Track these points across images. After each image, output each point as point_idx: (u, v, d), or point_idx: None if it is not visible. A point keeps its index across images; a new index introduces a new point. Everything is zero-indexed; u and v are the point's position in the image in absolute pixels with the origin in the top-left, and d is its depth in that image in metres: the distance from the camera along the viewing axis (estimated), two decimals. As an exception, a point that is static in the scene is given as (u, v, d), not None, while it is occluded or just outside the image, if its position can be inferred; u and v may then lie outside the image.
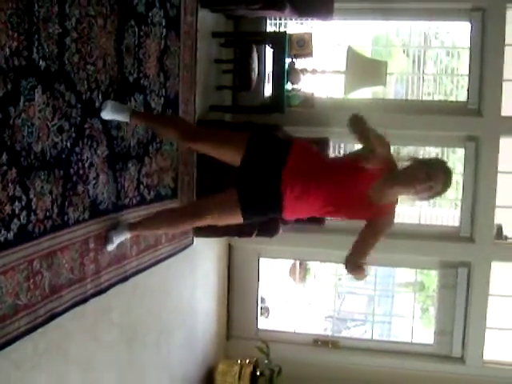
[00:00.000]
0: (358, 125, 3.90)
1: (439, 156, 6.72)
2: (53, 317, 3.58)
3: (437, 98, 7.81)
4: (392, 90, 8.74)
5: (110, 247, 4.21)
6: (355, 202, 3.87)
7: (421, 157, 3.98)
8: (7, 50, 2.99)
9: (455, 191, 7.35)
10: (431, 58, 8.23)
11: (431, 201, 7.26)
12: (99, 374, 4.31)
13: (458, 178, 7.24)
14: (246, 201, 3.95)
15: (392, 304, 10.58)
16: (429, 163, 3.77)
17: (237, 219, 4.04)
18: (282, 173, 3.89)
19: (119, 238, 4.26)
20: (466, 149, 7.02)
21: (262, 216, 4.21)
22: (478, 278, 7.05)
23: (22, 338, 3.27)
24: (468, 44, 7.00)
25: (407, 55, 9.11)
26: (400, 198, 3.95)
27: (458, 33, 8.44)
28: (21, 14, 3.08)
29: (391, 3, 7.03)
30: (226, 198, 4.03)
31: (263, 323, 7.91)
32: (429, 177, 3.63)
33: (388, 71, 6.92)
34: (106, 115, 4.06)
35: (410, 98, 7.78)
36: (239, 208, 3.95)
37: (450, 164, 3.88)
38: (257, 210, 4.04)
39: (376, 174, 3.80)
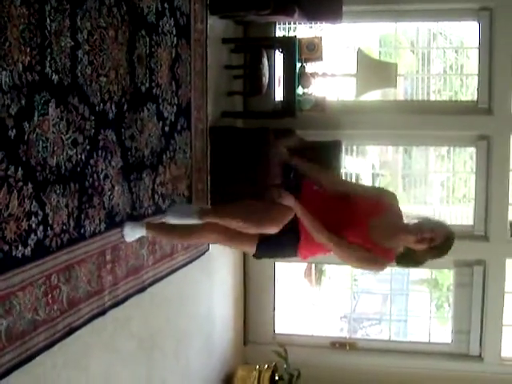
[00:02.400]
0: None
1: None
2: (72, 331, 3.58)
3: (445, 96, 7.79)
4: (401, 89, 8.72)
5: (127, 237, 4.24)
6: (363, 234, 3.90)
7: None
8: (20, 65, 2.99)
9: (468, 189, 7.36)
10: (438, 57, 8.21)
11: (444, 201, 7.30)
12: (119, 386, 4.31)
13: (469, 175, 7.25)
14: (263, 241, 4.05)
15: (407, 302, 10.56)
16: (434, 221, 3.97)
17: (247, 250, 4.20)
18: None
19: (135, 232, 4.29)
20: (477, 148, 7.02)
21: (275, 256, 4.45)
22: (494, 276, 7.04)
23: (42, 354, 3.27)
24: (476, 42, 7.00)
25: (415, 54, 9.08)
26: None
27: (465, 31, 8.42)
28: (33, 29, 3.08)
29: (399, 5, 7.03)
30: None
31: (280, 327, 7.89)
32: (433, 229, 3.76)
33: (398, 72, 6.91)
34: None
35: (418, 96, 7.78)
36: (255, 244, 4.07)
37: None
38: (272, 250, 4.16)
39: (378, 210, 3.95)
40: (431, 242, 3.72)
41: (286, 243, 4.04)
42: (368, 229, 3.86)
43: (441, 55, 8.30)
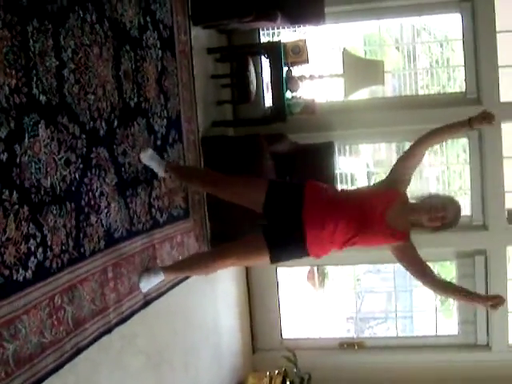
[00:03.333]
0: None
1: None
2: (79, 351, 3.56)
3: (433, 90, 7.81)
4: (389, 86, 8.74)
5: (143, 287, 4.42)
6: (375, 227, 4.02)
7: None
8: (6, 88, 2.98)
9: (462, 180, 7.37)
10: (424, 52, 8.23)
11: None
12: (130, 403, 4.29)
13: (463, 167, 7.26)
14: (273, 244, 4.09)
15: (411, 298, 10.55)
16: (443, 197, 4.15)
17: (263, 259, 4.18)
18: (302, 214, 4.05)
19: (152, 279, 4.45)
20: (469, 138, 7.02)
21: (288, 257, 4.31)
22: (495, 264, 7.07)
23: (51, 376, 3.26)
24: (460, 35, 7.02)
25: (400, 51, 9.09)
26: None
27: (448, 24, 8.44)
28: (16, 51, 3.07)
29: (380, 2, 7.06)
30: (253, 239, 4.20)
31: (287, 332, 7.87)
32: (444, 206, 3.90)
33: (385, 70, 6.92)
34: (144, 158, 4.52)
35: (406, 92, 7.78)
36: (267, 250, 4.10)
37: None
38: (284, 252, 4.17)
39: (391, 198, 4.06)
40: (443, 220, 3.87)
41: (293, 244, 4.08)
42: (386, 220, 3.97)
43: (426, 50, 8.32)
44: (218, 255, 4.38)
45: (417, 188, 7.79)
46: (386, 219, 3.97)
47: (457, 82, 7.72)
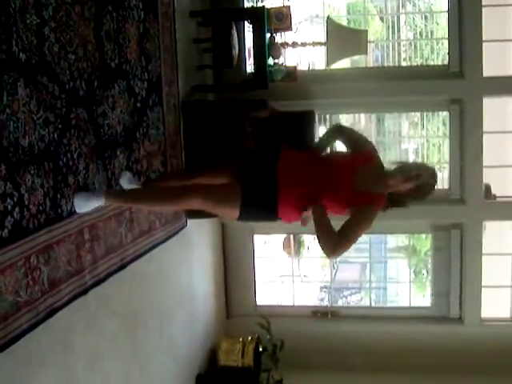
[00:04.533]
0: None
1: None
2: (54, 311, 3.57)
3: (415, 62, 7.82)
4: (372, 56, 8.72)
5: (78, 207, 3.87)
6: (344, 189, 3.95)
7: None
8: (-14, 45, 2.95)
9: (441, 154, 7.39)
10: (408, 24, 8.21)
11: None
12: (104, 364, 4.31)
13: (442, 141, 7.27)
14: (246, 202, 3.95)
15: (385, 270, 10.65)
16: (418, 164, 4.35)
17: (231, 213, 4.02)
18: (276, 175, 3.99)
19: (91, 202, 3.94)
20: (450, 112, 7.02)
21: (257, 218, 4.32)
22: (471, 239, 7.09)
23: (26, 335, 3.26)
24: (444, 7, 6.98)
25: (384, 22, 9.08)
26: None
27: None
28: (-4, 7, 3.03)
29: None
30: (230, 190, 4.01)
31: (262, 299, 7.91)
32: (417, 167, 3.99)
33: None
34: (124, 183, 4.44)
35: (388, 63, 7.78)
36: (239, 206, 3.94)
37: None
38: (254, 212, 4.04)
39: (362, 160, 4.06)
40: (418, 179, 3.81)
41: (264, 205, 3.99)
42: (355, 179, 3.93)
43: (410, 22, 8.31)
44: (187, 191, 4.02)
45: (395, 159, 7.83)
46: (356, 182, 3.93)
47: (440, 56, 7.73)
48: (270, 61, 6.50)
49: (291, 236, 9.09)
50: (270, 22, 6.34)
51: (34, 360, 3.39)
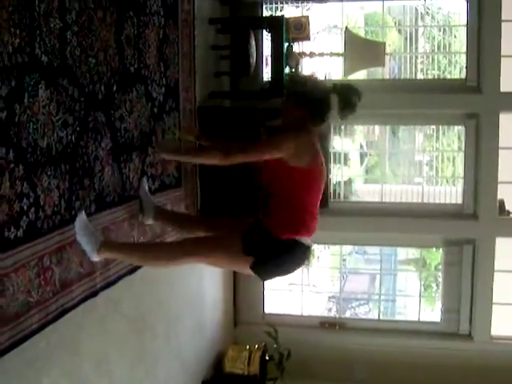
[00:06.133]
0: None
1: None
2: (64, 312, 3.59)
3: (432, 75, 7.80)
4: (388, 68, 8.72)
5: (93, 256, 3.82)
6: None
7: None
8: (10, 47, 2.96)
9: (455, 167, 7.38)
10: (425, 36, 8.20)
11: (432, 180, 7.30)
12: (111, 366, 4.32)
13: (457, 155, 7.26)
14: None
15: (395, 282, 10.61)
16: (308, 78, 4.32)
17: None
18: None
19: (86, 246, 3.77)
20: (466, 126, 7.02)
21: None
22: (484, 255, 7.07)
23: (36, 335, 3.28)
24: (463, 21, 6.99)
25: (401, 34, 9.07)
26: None
27: (451, 9, 8.41)
28: (22, 10, 3.05)
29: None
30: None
31: (270, 308, 7.90)
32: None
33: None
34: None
35: (405, 76, 7.77)
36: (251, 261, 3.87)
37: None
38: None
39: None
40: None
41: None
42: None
43: (427, 34, 8.29)
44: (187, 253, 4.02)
45: (409, 172, 7.83)
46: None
47: (457, 69, 7.71)
48: (287, 70, 6.52)
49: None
50: (288, 31, 6.37)
51: (42, 359, 3.40)
